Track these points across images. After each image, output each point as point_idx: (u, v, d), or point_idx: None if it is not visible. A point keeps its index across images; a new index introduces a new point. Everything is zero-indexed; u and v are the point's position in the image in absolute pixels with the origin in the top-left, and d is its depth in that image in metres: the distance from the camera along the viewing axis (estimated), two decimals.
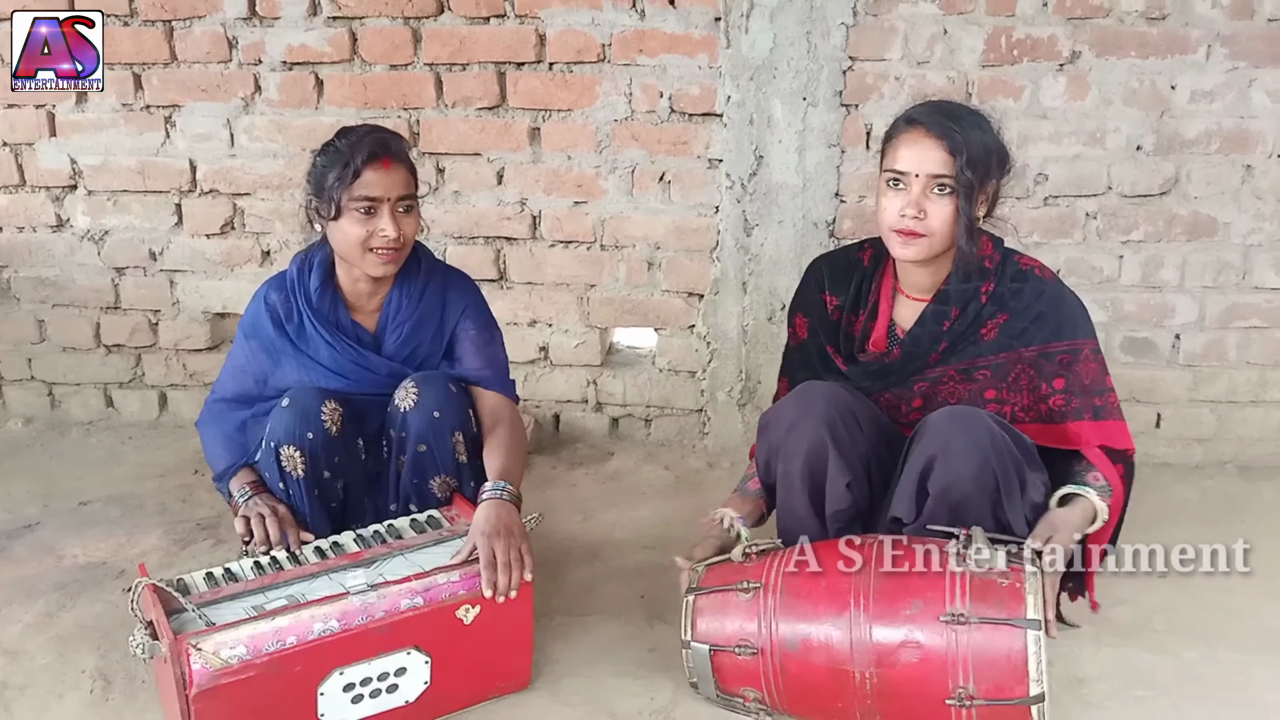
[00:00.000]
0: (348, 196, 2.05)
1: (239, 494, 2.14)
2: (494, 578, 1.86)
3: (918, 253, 1.96)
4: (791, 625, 1.78)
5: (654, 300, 3.10)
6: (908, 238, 1.95)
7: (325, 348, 2.18)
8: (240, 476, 2.17)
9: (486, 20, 2.90)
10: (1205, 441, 3.05)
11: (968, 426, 1.85)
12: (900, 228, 1.94)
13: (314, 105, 3.03)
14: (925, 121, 1.94)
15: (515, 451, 2.15)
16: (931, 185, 1.92)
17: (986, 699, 1.66)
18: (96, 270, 3.25)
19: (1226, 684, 2.00)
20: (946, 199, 1.92)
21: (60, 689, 2.01)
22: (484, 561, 1.87)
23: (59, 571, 2.46)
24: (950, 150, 1.90)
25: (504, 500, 1.99)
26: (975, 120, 1.96)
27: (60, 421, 3.38)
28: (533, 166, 3.01)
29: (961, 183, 1.90)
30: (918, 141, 1.93)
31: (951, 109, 1.98)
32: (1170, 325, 2.97)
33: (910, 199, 1.93)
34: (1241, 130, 2.81)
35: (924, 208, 1.92)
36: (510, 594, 1.87)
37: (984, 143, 1.93)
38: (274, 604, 1.80)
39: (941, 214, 1.92)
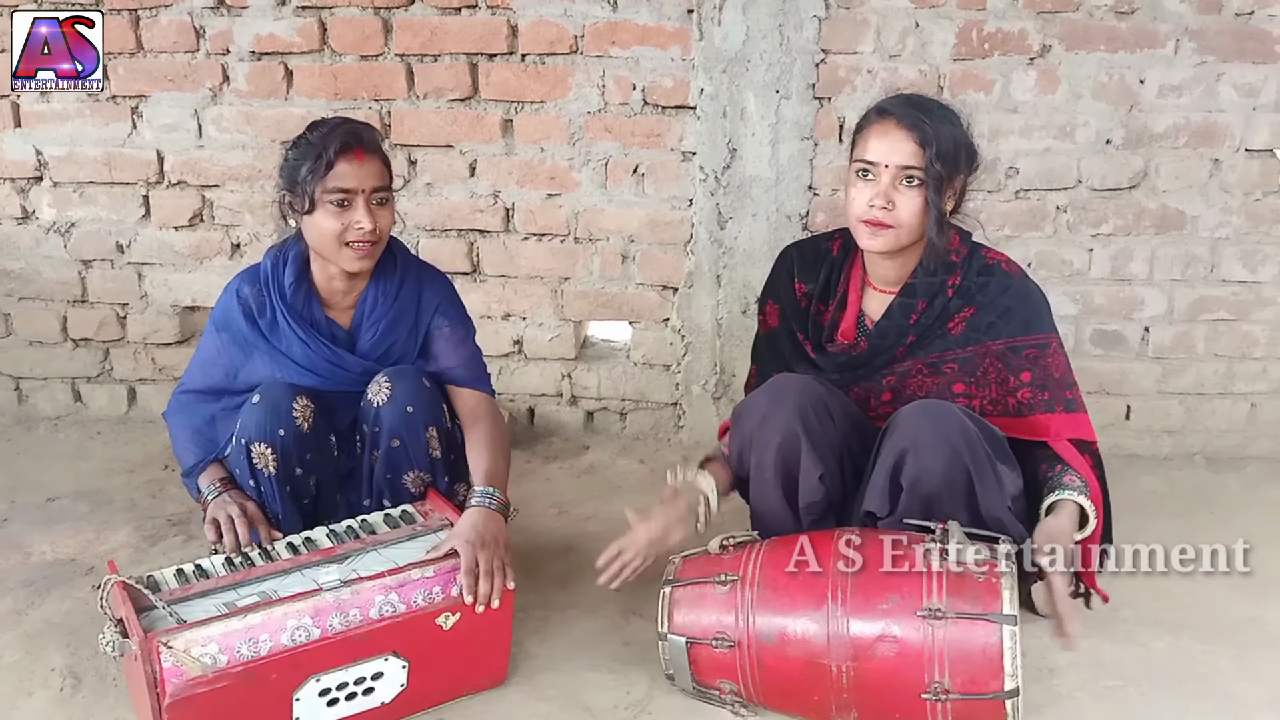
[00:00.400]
0: (321, 189, 2.03)
1: (208, 491, 2.12)
2: (474, 585, 1.85)
3: (885, 244, 1.97)
4: (769, 618, 1.78)
5: (628, 293, 3.09)
6: (875, 228, 1.95)
7: (299, 344, 2.16)
8: (209, 473, 2.15)
9: (458, 11, 2.88)
10: (1174, 433, 3.09)
11: (938, 420, 1.86)
12: (868, 218, 1.95)
13: (283, 96, 2.99)
14: (896, 113, 1.94)
15: (499, 451, 2.14)
16: (901, 177, 1.92)
17: (961, 693, 1.67)
18: (63, 263, 3.20)
19: (1193, 674, 2.03)
20: (915, 191, 1.92)
21: (29, 686, 1.99)
22: (465, 568, 1.86)
23: (27, 568, 2.43)
24: (920, 142, 1.90)
25: (491, 510, 1.98)
26: (945, 114, 1.97)
27: (27, 416, 3.33)
28: (505, 158, 3.00)
29: (931, 175, 1.91)
30: (888, 133, 1.93)
31: (922, 102, 1.99)
32: (1139, 318, 3.00)
33: (879, 190, 1.93)
34: (1209, 124, 2.84)
35: (892, 199, 1.93)
36: (493, 603, 1.87)
37: (954, 137, 1.94)
38: (246, 601, 1.79)
39: (910, 206, 1.93)
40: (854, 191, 1.97)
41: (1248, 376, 3.03)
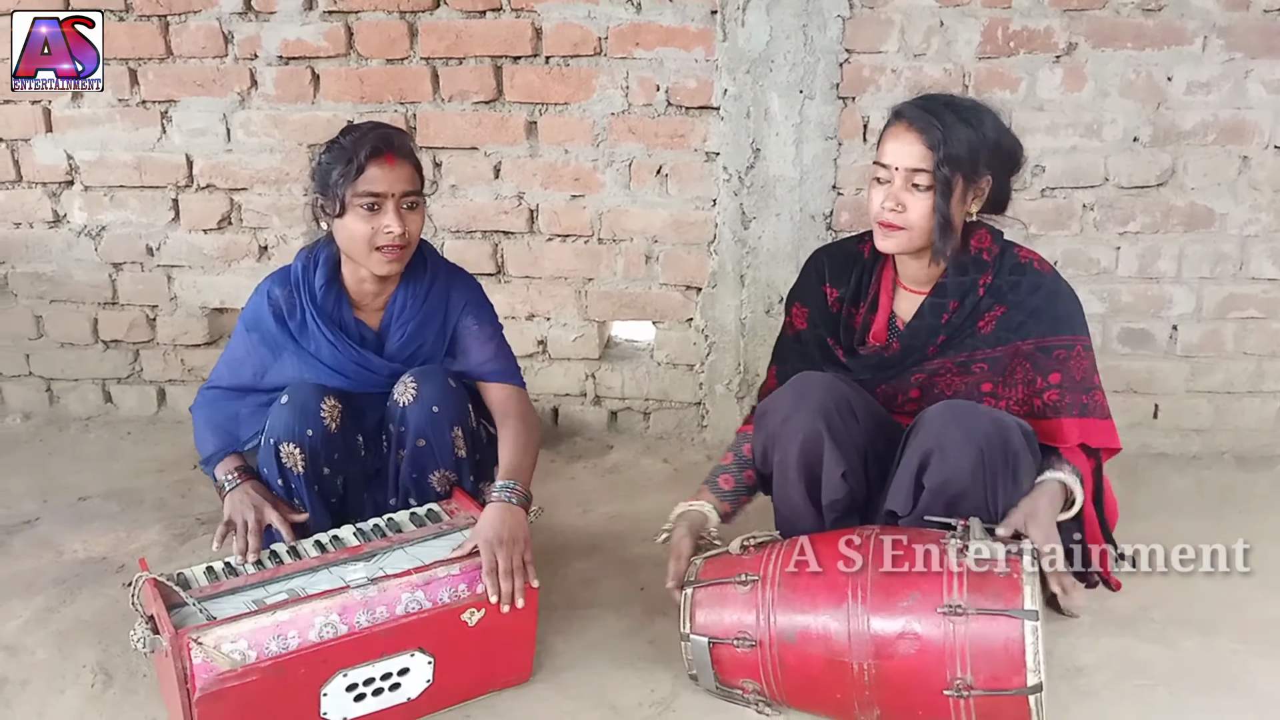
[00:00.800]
0: (352, 193, 2.05)
1: (225, 480, 2.14)
2: (497, 584, 1.86)
3: (897, 245, 1.98)
4: (789, 617, 1.78)
5: (652, 293, 3.10)
6: (887, 230, 1.97)
7: (327, 346, 2.18)
8: (227, 462, 2.17)
9: (483, 14, 2.90)
10: (1203, 432, 3.06)
11: (965, 421, 1.85)
12: (880, 220, 1.97)
13: (310, 100, 3.02)
14: (908, 115, 1.94)
15: (525, 445, 2.14)
16: (911, 179, 1.92)
17: (984, 689, 1.67)
18: (94, 266, 3.25)
19: (1223, 674, 2.01)
20: (925, 194, 1.92)
21: (61, 684, 2.02)
22: (486, 569, 1.87)
23: (58, 567, 2.46)
24: (928, 145, 1.90)
25: (510, 504, 1.99)
26: (966, 115, 1.95)
27: (59, 417, 3.38)
28: (530, 160, 3.01)
29: (939, 178, 1.90)
30: (899, 135, 1.94)
31: (942, 102, 1.97)
32: (1167, 316, 2.98)
33: (890, 192, 1.94)
34: (1238, 121, 2.81)
35: (902, 201, 1.93)
36: (518, 602, 1.87)
37: (970, 139, 1.92)
38: (274, 598, 1.81)
39: (919, 209, 1.93)
40: (872, 193, 1.99)
41: (1277, 375, 3.00)
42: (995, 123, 1.99)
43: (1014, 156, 2.01)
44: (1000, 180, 2.01)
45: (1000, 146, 1.99)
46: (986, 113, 1.99)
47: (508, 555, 1.88)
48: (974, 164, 1.93)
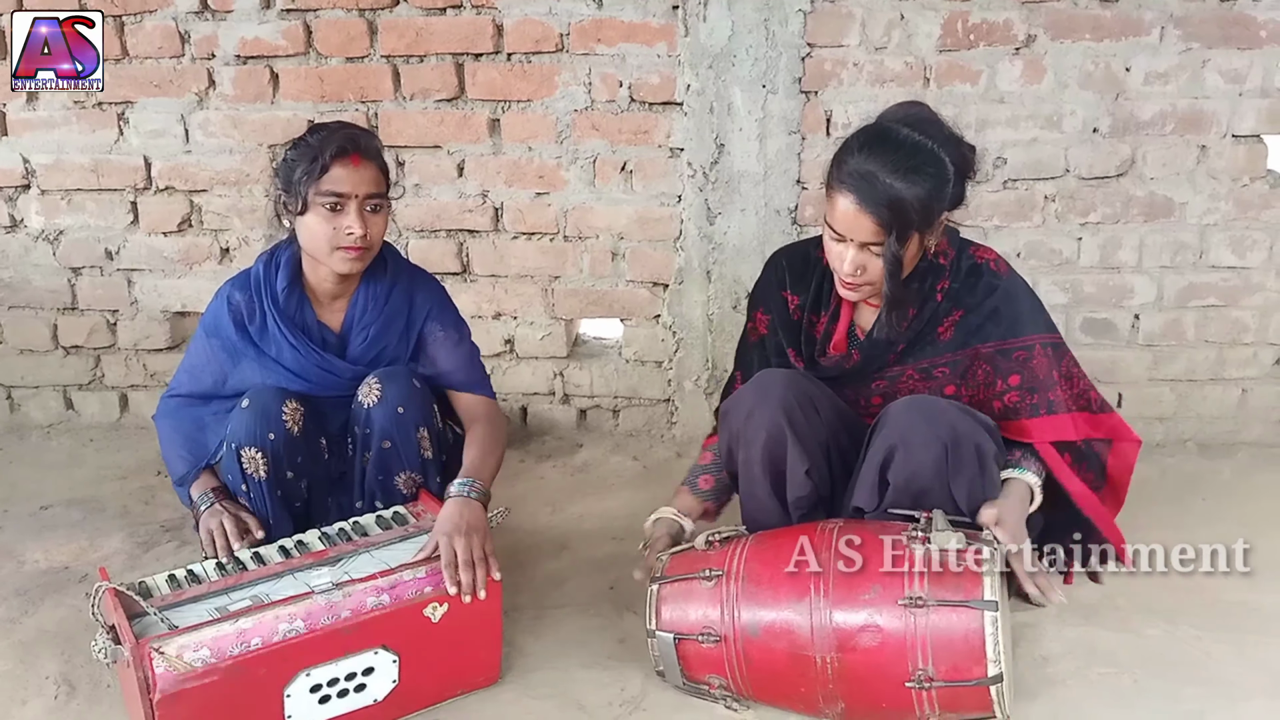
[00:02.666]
0: (314, 191, 2.04)
1: (200, 500, 2.12)
2: (456, 577, 1.85)
3: (864, 295, 1.99)
4: (753, 612, 1.79)
5: (619, 291, 3.09)
6: (852, 288, 1.97)
7: (289, 350, 2.16)
8: (201, 482, 2.16)
9: (443, 11, 2.88)
10: (1165, 420, 3.09)
11: (928, 416, 1.86)
12: (845, 279, 1.95)
13: (270, 99, 2.99)
14: (856, 194, 1.86)
15: (488, 449, 2.15)
16: (867, 247, 1.90)
17: (945, 680, 1.68)
18: (52, 270, 3.20)
19: (1186, 660, 2.03)
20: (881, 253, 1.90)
21: (23, 695, 1.99)
22: (445, 561, 1.86)
23: (20, 576, 2.43)
24: (879, 223, 1.86)
25: (469, 498, 1.98)
26: (914, 167, 1.85)
27: (19, 425, 3.33)
28: (493, 158, 3.00)
29: (891, 245, 1.87)
30: (850, 212, 1.88)
31: (882, 161, 1.86)
32: (1129, 306, 3.00)
33: (850, 259, 1.91)
34: (1196, 111, 2.84)
35: (862, 264, 1.92)
36: (479, 594, 1.86)
37: (918, 199, 1.85)
38: (238, 605, 1.79)
39: (879, 267, 1.91)
40: (828, 243, 1.96)
41: (1238, 362, 3.03)
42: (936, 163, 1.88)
43: (968, 163, 1.95)
44: (958, 189, 1.94)
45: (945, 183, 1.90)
46: (927, 151, 1.87)
47: (466, 546, 1.88)
48: (926, 215, 1.88)
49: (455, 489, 2.01)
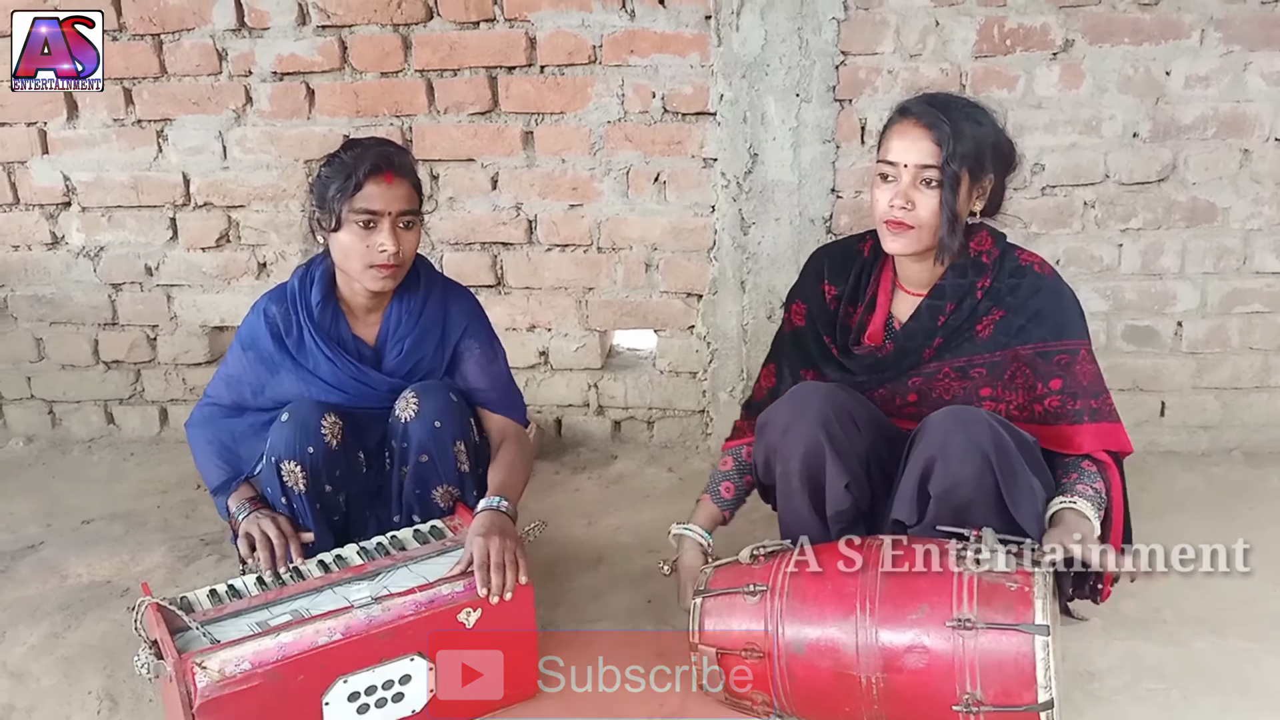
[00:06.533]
0: (348, 208, 2.05)
1: (238, 510, 2.13)
2: (487, 577, 1.86)
3: (906, 245, 1.95)
4: (798, 629, 1.77)
5: (653, 302, 3.08)
6: (896, 229, 1.94)
7: (325, 363, 2.17)
8: (239, 493, 2.16)
9: (476, 25, 2.89)
10: (1210, 429, 3.03)
11: (968, 427, 1.83)
12: (889, 219, 1.94)
13: (306, 115, 3.02)
14: (915, 111, 1.93)
15: (516, 469, 2.15)
16: (920, 176, 1.90)
17: (995, 705, 1.64)
18: (93, 287, 3.24)
19: (1236, 673, 1.99)
20: (934, 191, 1.91)
21: (67, 710, 2.01)
22: (477, 562, 1.87)
23: (63, 591, 2.45)
24: (936, 141, 1.89)
25: (498, 510, 2.00)
26: (970, 112, 1.95)
27: (61, 440, 3.37)
28: (527, 170, 3.00)
29: (948, 174, 1.89)
30: (907, 132, 1.92)
31: (945, 100, 1.97)
32: (1172, 313, 2.96)
33: (899, 190, 1.92)
34: (1238, 114, 2.79)
35: (912, 199, 1.91)
36: (506, 595, 1.86)
37: (976, 136, 1.92)
38: (278, 620, 1.80)
39: (930, 205, 1.91)
40: (877, 193, 1.96)
41: None
42: (994, 122, 1.99)
43: (1011, 157, 2.01)
44: (998, 181, 2.00)
45: (1000, 145, 1.98)
46: (985, 112, 1.98)
47: (499, 549, 1.89)
48: (980, 160, 1.92)
49: (484, 504, 2.02)
